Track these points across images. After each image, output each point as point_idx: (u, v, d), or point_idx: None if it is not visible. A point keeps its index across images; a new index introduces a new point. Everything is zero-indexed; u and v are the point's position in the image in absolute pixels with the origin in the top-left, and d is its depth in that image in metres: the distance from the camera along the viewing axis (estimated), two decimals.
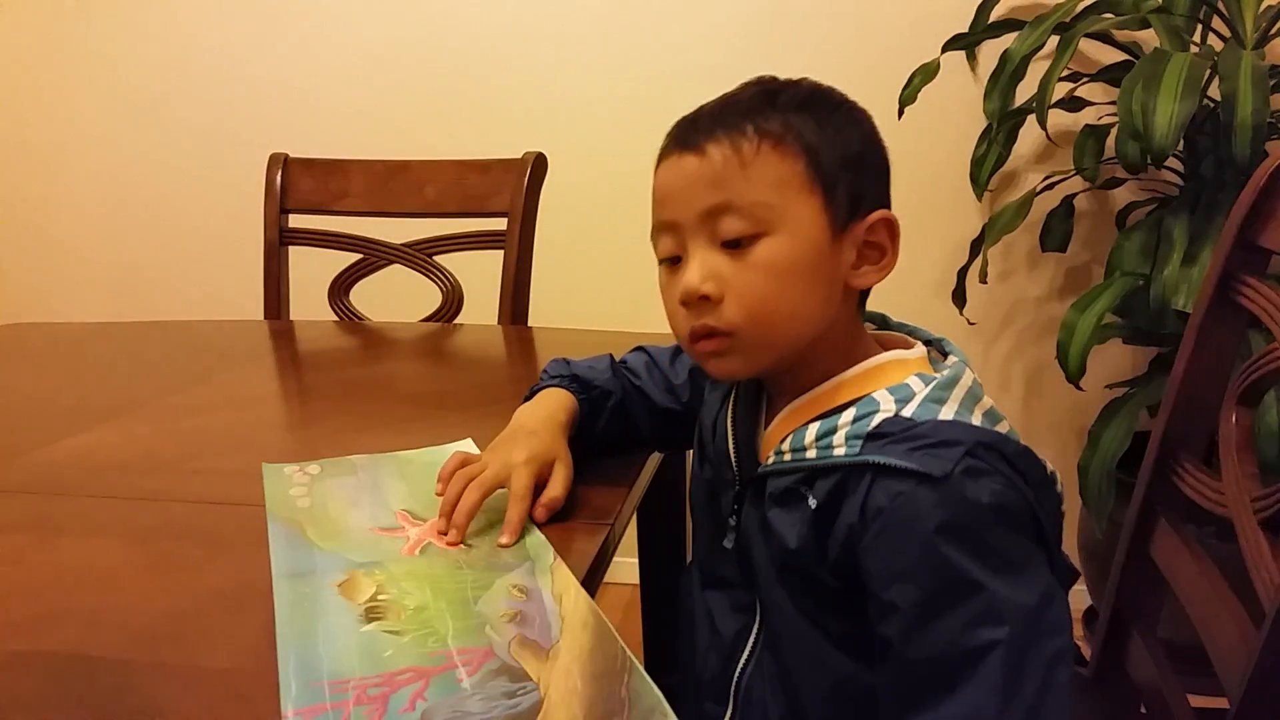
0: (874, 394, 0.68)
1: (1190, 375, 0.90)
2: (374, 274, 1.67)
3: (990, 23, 1.84)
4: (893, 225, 0.72)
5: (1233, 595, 0.80)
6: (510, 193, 1.57)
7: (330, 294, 1.66)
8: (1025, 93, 1.79)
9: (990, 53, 1.86)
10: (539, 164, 1.59)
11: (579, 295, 1.98)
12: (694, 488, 0.86)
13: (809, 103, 0.72)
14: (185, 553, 0.75)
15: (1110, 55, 1.82)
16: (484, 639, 0.61)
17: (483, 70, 2.12)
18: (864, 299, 0.77)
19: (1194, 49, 1.67)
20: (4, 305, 2.30)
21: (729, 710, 0.76)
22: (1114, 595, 1.00)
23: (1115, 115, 1.58)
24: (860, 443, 0.65)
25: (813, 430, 0.69)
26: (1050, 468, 0.69)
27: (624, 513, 0.83)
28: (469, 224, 1.62)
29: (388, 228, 1.65)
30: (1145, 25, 1.67)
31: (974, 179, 1.87)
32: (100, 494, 0.87)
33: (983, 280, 1.87)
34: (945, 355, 0.76)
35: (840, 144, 0.71)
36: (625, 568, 1.19)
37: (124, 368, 1.36)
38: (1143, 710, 0.95)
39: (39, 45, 2.28)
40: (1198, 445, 0.93)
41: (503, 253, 1.57)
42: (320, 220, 1.68)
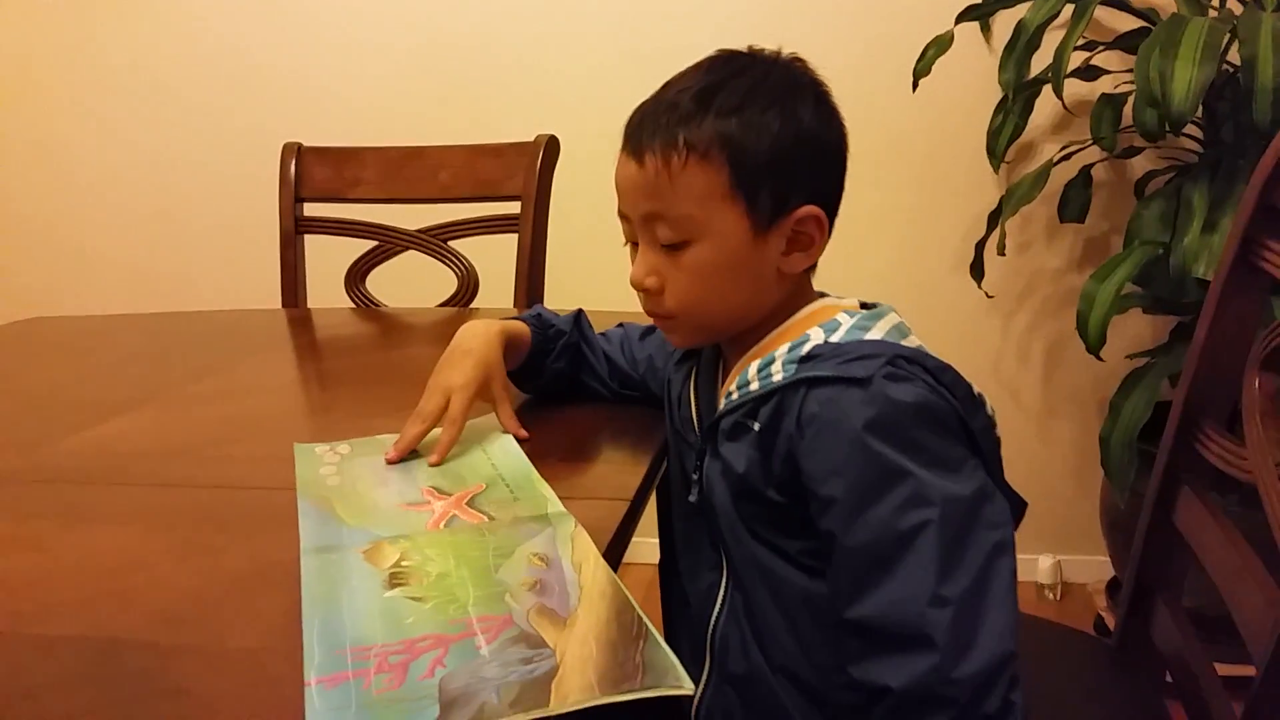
0: (807, 331, 0.78)
1: (1212, 341, 0.89)
2: (389, 260, 1.67)
3: None
4: (820, 220, 0.78)
5: (1258, 561, 0.80)
6: (523, 176, 1.57)
7: (347, 281, 1.67)
8: (1040, 62, 1.77)
9: (1005, 22, 1.83)
10: (551, 146, 1.58)
11: (594, 277, 1.97)
12: (669, 466, 0.92)
13: (744, 103, 0.76)
14: (209, 537, 0.76)
15: (1126, 22, 1.79)
16: (503, 607, 0.62)
17: (494, 54, 2.12)
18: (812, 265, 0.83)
19: (1212, 13, 1.64)
20: (23, 300, 2.32)
21: (706, 665, 0.81)
22: (1138, 565, 0.99)
23: (1132, 83, 1.56)
24: (795, 366, 0.74)
25: (753, 367, 0.77)
26: (978, 390, 0.74)
27: (644, 490, 0.83)
28: (483, 208, 1.62)
29: (402, 214, 1.65)
30: None
31: (990, 151, 1.86)
32: (124, 481, 0.88)
33: (1001, 253, 1.85)
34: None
35: (767, 147, 0.76)
36: (648, 548, 1.19)
37: (144, 358, 1.37)
38: (1169, 679, 0.95)
39: (50, 38, 2.29)
40: (1220, 412, 0.92)
41: (517, 236, 1.57)
42: (335, 208, 1.69)
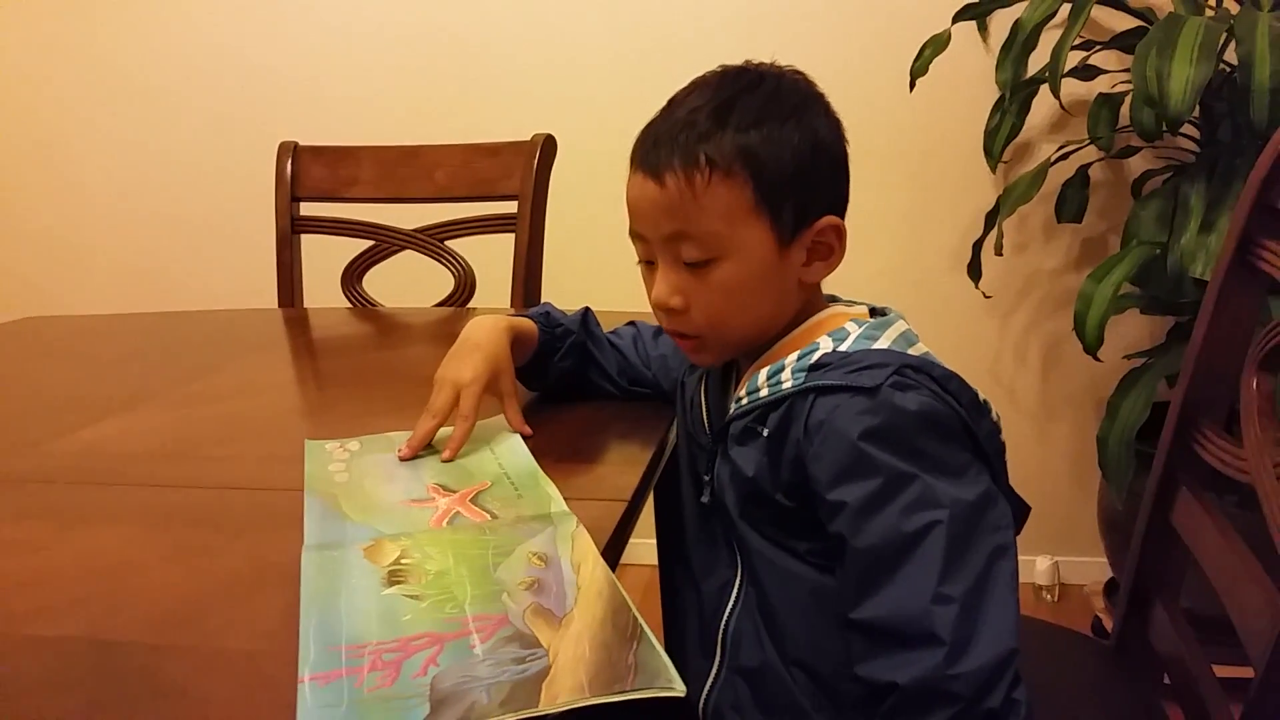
0: (816, 340, 0.78)
1: (1210, 341, 0.89)
2: (386, 260, 1.67)
3: None
4: (839, 229, 0.80)
5: (1256, 562, 0.79)
6: (520, 175, 1.57)
7: (343, 281, 1.66)
8: (1038, 62, 1.77)
9: (1002, 22, 1.84)
10: (548, 146, 1.58)
11: (592, 276, 1.98)
12: (680, 467, 0.93)
13: (762, 116, 0.76)
14: (205, 537, 0.76)
15: (1123, 21, 1.79)
16: (500, 606, 0.62)
17: (491, 52, 2.12)
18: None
19: (1209, 12, 1.64)
20: (18, 299, 2.31)
21: (716, 660, 0.81)
22: (1135, 565, 0.99)
23: (1129, 83, 1.56)
24: (804, 374, 0.75)
25: (763, 374, 0.78)
26: (983, 397, 0.75)
27: (642, 491, 0.83)
28: (480, 208, 1.62)
29: (399, 214, 1.65)
30: None
31: (987, 151, 1.86)
32: (119, 482, 0.87)
33: (998, 253, 1.85)
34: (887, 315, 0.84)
35: (789, 160, 0.76)
36: (645, 549, 1.19)
37: (139, 358, 1.37)
38: (1167, 681, 0.95)
39: (46, 37, 2.29)
40: (1218, 412, 0.92)
41: (514, 236, 1.57)
42: (331, 208, 1.68)
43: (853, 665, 0.69)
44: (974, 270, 1.87)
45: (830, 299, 0.86)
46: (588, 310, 1.04)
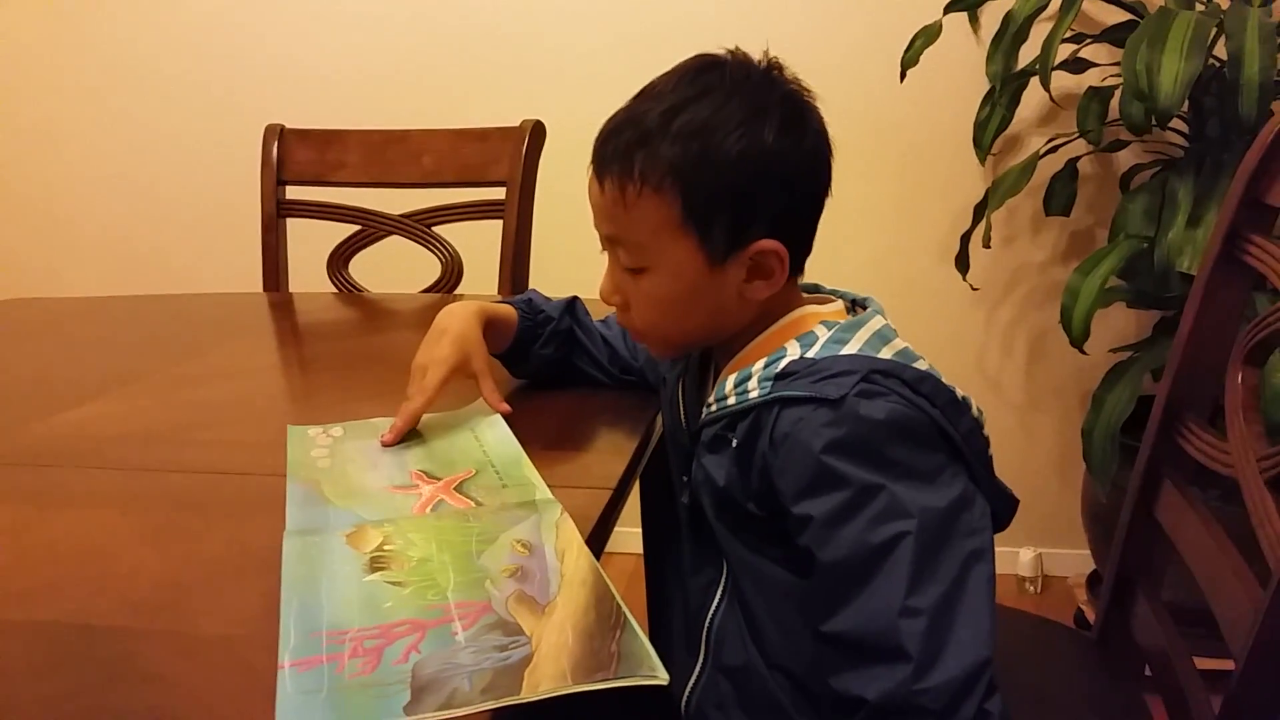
0: (784, 344, 0.76)
1: (1196, 334, 0.89)
2: (373, 245, 1.66)
3: None
4: (779, 253, 0.75)
5: (1239, 556, 0.80)
6: (509, 161, 1.56)
7: (329, 266, 1.65)
8: (1028, 55, 1.77)
9: (993, 14, 1.83)
10: (537, 131, 1.57)
11: (579, 263, 1.97)
12: (669, 460, 0.92)
13: (706, 126, 0.73)
14: (185, 522, 0.75)
15: (1114, 15, 1.79)
16: (483, 593, 0.62)
17: (480, 37, 2.10)
18: (797, 268, 0.80)
19: (1199, 7, 1.64)
20: (1, 281, 2.30)
21: (700, 657, 0.81)
22: (1119, 558, 1.00)
23: (1119, 76, 1.56)
24: (770, 383, 0.73)
25: (730, 381, 0.77)
26: (962, 394, 0.73)
27: (627, 479, 0.83)
28: (467, 194, 1.61)
29: (386, 198, 1.64)
30: None
31: (977, 142, 1.85)
32: (99, 465, 0.87)
33: (986, 245, 1.85)
34: (866, 310, 0.81)
35: (724, 180, 0.73)
36: (630, 537, 1.19)
37: (122, 342, 1.36)
38: (1148, 673, 0.95)
39: (30, 20, 2.26)
40: (1203, 406, 0.92)
41: (502, 222, 1.56)
42: (318, 192, 1.67)
43: (824, 676, 0.68)
44: (962, 262, 1.88)
45: (812, 288, 0.84)
46: (575, 299, 1.04)
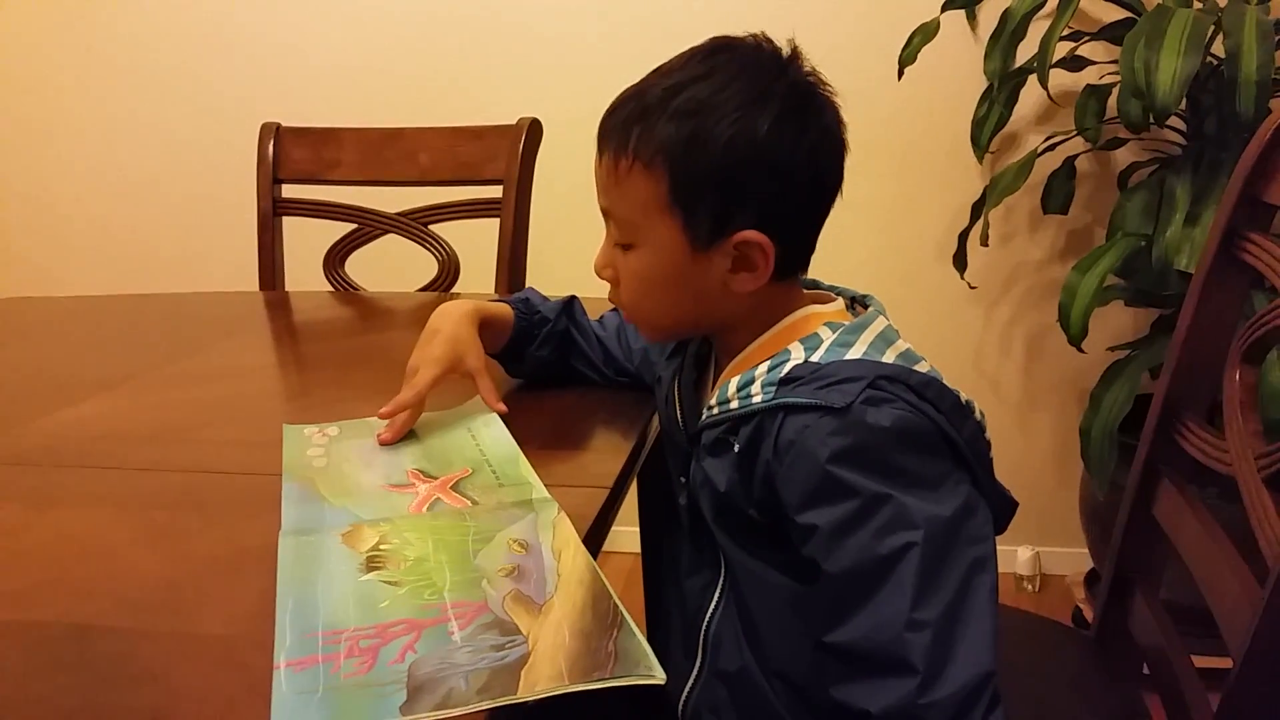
0: (788, 346, 0.75)
1: (1194, 332, 0.89)
2: (369, 244, 1.65)
3: None
4: (763, 246, 0.74)
5: (1236, 554, 0.80)
6: (505, 159, 1.55)
7: (325, 265, 1.65)
8: (1026, 52, 1.77)
9: (990, 11, 1.83)
10: (534, 130, 1.57)
11: (576, 262, 1.97)
12: (666, 458, 0.91)
13: (702, 108, 0.72)
14: (181, 521, 0.75)
15: (1112, 13, 1.79)
16: (479, 593, 0.61)
17: (476, 35, 2.10)
18: (795, 266, 0.79)
19: (1197, 4, 1.64)
20: None
21: (698, 660, 0.80)
22: (1117, 556, 0.99)
23: (1117, 74, 1.56)
24: (774, 389, 0.72)
25: (733, 384, 0.75)
26: (965, 397, 0.72)
27: (624, 478, 0.83)
28: (464, 192, 1.60)
29: (382, 197, 1.63)
30: None
31: (975, 141, 1.85)
32: (95, 464, 0.87)
33: (984, 243, 1.85)
34: (866, 309, 0.80)
35: (715, 164, 0.72)
36: (628, 536, 1.19)
37: (118, 340, 1.35)
38: (1146, 671, 0.95)
39: (26, 16, 2.25)
40: (1200, 404, 0.92)
41: (498, 221, 1.56)
42: (314, 190, 1.66)
43: (826, 685, 0.68)
44: (959, 261, 1.87)
45: (811, 284, 0.83)
46: (573, 299, 1.03)
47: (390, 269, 1.63)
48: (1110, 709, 0.96)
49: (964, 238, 1.86)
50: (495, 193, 1.57)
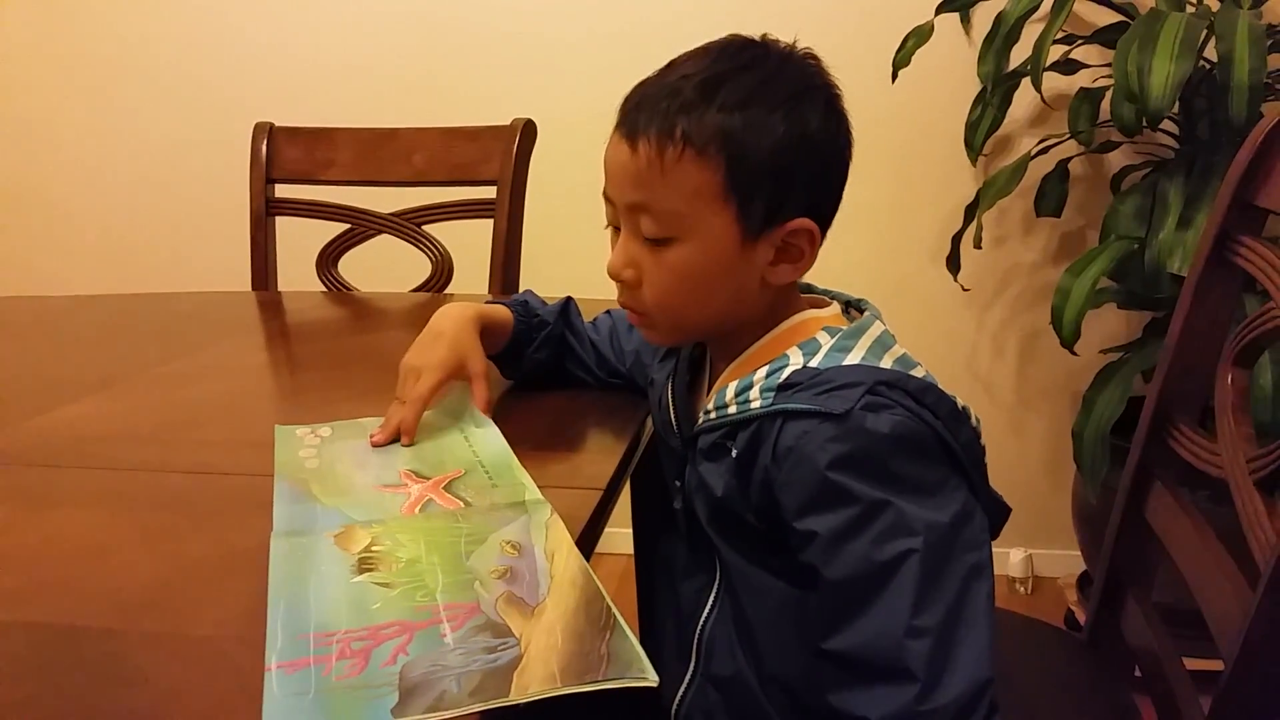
0: (786, 351, 0.74)
1: (1186, 335, 0.90)
2: (362, 244, 1.65)
3: None
4: (813, 234, 0.75)
5: (1228, 557, 0.80)
6: (499, 160, 1.55)
7: (318, 265, 1.65)
8: (1020, 55, 1.77)
9: (984, 15, 1.83)
10: (528, 130, 1.57)
11: (571, 264, 1.97)
12: (661, 461, 0.91)
13: (751, 99, 0.72)
14: (172, 522, 0.74)
15: (1106, 16, 1.80)
16: (471, 595, 0.61)
17: (470, 35, 2.10)
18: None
19: (1190, 9, 1.65)
20: None
21: (691, 664, 0.80)
22: (1109, 559, 1.00)
23: (1110, 77, 1.56)
24: (773, 394, 0.71)
25: (731, 389, 0.74)
26: (962, 404, 0.72)
27: (618, 479, 0.83)
28: (458, 192, 1.60)
29: (376, 197, 1.63)
30: None
31: (968, 143, 1.86)
32: (87, 465, 0.86)
33: (977, 246, 1.86)
34: (862, 314, 0.80)
35: (769, 152, 0.72)
36: (620, 538, 1.18)
37: (110, 340, 1.35)
38: (1138, 673, 0.95)
39: (19, 16, 2.25)
40: (1193, 407, 0.92)
41: (492, 221, 1.56)
42: (307, 190, 1.66)
43: (824, 692, 0.67)
44: (953, 263, 1.88)
45: (806, 288, 0.83)
46: (569, 301, 1.03)
47: (384, 269, 1.63)
48: (1102, 711, 0.96)
49: (957, 240, 1.86)
50: (489, 193, 1.56)
